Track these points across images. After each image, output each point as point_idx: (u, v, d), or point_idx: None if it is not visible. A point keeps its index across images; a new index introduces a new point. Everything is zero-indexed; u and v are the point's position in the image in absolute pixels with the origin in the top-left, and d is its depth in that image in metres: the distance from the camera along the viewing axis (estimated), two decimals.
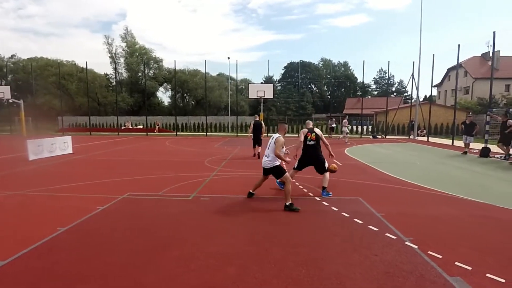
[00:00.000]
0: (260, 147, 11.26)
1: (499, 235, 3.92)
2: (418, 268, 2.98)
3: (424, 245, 3.50)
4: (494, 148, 11.90)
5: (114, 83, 42.52)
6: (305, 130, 5.93)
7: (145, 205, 5.21)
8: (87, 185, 6.65)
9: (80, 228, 4.10)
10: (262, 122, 11.80)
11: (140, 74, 44.50)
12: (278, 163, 5.16)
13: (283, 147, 5.28)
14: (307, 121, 6.33)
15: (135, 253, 3.37)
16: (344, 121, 19.88)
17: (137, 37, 47.72)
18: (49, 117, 31.25)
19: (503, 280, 2.77)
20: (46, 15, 75.35)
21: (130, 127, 29.72)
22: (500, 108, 22.26)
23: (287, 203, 4.88)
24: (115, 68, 42.53)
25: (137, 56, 44.07)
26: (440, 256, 3.23)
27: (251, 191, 5.60)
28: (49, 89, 37.30)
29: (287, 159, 5.33)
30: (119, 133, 25.72)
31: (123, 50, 44.86)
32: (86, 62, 26.50)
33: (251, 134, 11.44)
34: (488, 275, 2.85)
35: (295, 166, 6.04)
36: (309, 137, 5.83)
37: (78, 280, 2.81)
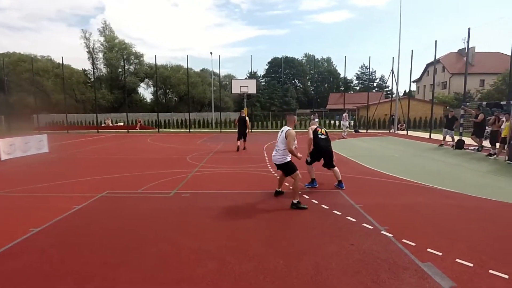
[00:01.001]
0: (244, 142, 12.19)
1: (469, 222, 4.11)
2: (392, 256, 3.08)
3: (399, 234, 3.62)
4: (468, 140, 12.42)
5: (93, 79, 41.14)
6: (313, 126, 6.05)
7: (124, 203, 5.10)
8: (63, 184, 6.43)
9: (55, 228, 3.97)
10: (247, 118, 12.35)
11: (120, 69, 43.10)
12: (289, 159, 4.86)
13: (295, 141, 4.85)
14: (314, 119, 6.62)
15: (112, 251, 3.30)
16: (344, 114, 19.58)
17: (116, 31, 46.20)
18: (24, 116, 29.79)
19: (471, 265, 2.90)
20: (19, 8, 71.56)
21: (111, 125, 28.92)
22: (474, 102, 23.24)
23: (295, 201, 4.67)
24: (93, 64, 41.11)
25: (116, 51, 42.63)
26: (413, 244, 3.35)
27: (277, 189, 5.39)
28: (23, 86, 35.45)
29: (299, 154, 4.95)
30: (99, 130, 24.98)
31: (102, 45, 43.29)
32: (62, 57, 25.27)
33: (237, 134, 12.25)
34: (457, 260, 2.99)
35: (309, 161, 6.00)
36: (319, 132, 5.96)
37: (51, 281, 2.73)
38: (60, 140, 16.82)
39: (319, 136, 5.93)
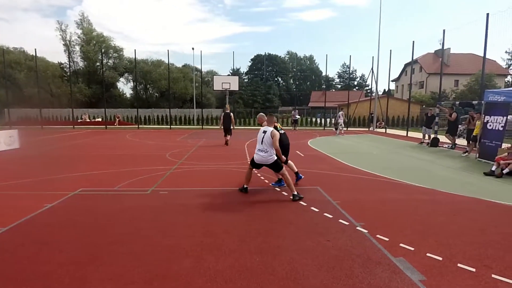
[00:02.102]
0: (229, 136, 12.38)
1: (440, 216, 4.26)
2: (367, 251, 3.13)
3: (373, 229, 3.69)
4: (443, 138, 12.92)
5: (69, 72, 39.42)
6: (271, 126, 5.79)
7: (98, 201, 4.92)
8: (34, 182, 6.13)
9: (23, 228, 3.79)
10: (231, 113, 12.42)
11: (98, 63, 41.61)
12: (276, 157, 5.03)
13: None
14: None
15: (82, 250, 3.18)
16: (340, 113, 19.60)
17: (96, 24, 44.55)
18: None
19: (440, 258, 3.00)
20: None
21: (88, 120, 27.87)
22: (449, 101, 24.22)
23: (295, 193, 4.91)
24: (69, 57, 39.34)
25: (94, 44, 41.05)
26: (387, 239, 3.42)
27: (245, 185, 5.33)
28: None
29: (283, 157, 5.21)
30: (75, 126, 24.04)
31: (79, 37, 41.46)
32: (35, 49, 24.16)
33: (222, 126, 12.31)
34: (428, 254, 3.08)
35: (285, 160, 5.55)
36: (278, 127, 5.81)
37: (17, 282, 2.61)
38: (33, 135, 16.01)
39: (280, 131, 5.63)
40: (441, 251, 3.14)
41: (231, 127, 12.22)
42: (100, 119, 27.85)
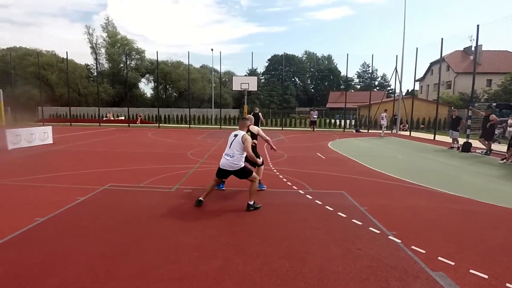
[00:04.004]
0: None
1: (477, 229, 3.98)
2: (402, 263, 2.96)
3: (406, 239, 3.50)
4: (475, 143, 12.21)
5: (95, 73, 41.04)
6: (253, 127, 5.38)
7: (126, 197, 5.04)
8: (67, 176, 6.45)
9: (59, 219, 3.98)
10: (260, 114, 13.68)
11: (121, 65, 43.08)
12: (244, 164, 4.59)
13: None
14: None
15: (113, 244, 3.26)
16: (383, 114, 19.11)
17: (118, 27, 45.97)
18: (29, 108, 30.05)
19: (485, 276, 2.76)
20: (22, 5, 71.67)
21: (112, 118, 28.83)
22: (481, 103, 22.88)
23: (251, 202, 4.45)
24: (96, 59, 41.04)
25: (118, 46, 42.57)
26: (423, 251, 3.22)
27: (201, 198, 4.65)
28: (29, 79, 35.87)
29: (260, 160, 4.94)
30: (101, 124, 24.90)
31: (104, 40, 43.27)
32: (67, 52, 25.23)
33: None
34: (471, 270, 2.84)
35: (261, 163, 5.16)
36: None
37: (52, 271, 2.74)
38: (63, 132, 16.74)
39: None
40: (485, 268, 2.89)
41: (259, 126, 12.67)
42: (123, 118, 28.77)
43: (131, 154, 9.90)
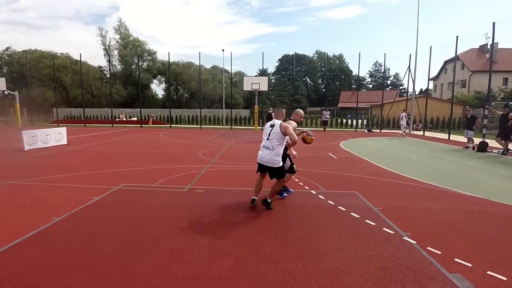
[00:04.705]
0: None
1: (495, 230, 3.87)
2: (417, 264, 2.92)
3: (422, 241, 3.44)
4: (492, 142, 11.89)
5: (108, 75, 41.93)
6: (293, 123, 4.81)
7: (139, 197, 5.12)
8: (82, 176, 6.59)
9: (74, 219, 4.07)
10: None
11: (134, 66, 43.90)
12: (282, 163, 4.33)
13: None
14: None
15: (127, 244, 3.31)
16: (403, 114, 18.70)
17: (130, 29, 46.90)
18: (44, 109, 31.05)
19: (504, 278, 2.69)
20: (38, 8, 73.92)
21: (124, 119, 29.35)
22: (497, 102, 22.21)
23: (269, 200, 4.42)
24: (109, 61, 41.95)
25: (130, 48, 43.41)
26: (439, 252, 3.16)
27: (254, 197, 4.51)
28: (44, 81, 37.01)
29: (294, 152, 4.78)
30: (113, 125, 25.39)
31: (117, 42, 44.20)
32: (80, 54, 26.05)
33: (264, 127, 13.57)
34: (489, 272, 2.78)
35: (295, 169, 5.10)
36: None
37: (68, 269, 2.79)
38: (77, 133, 17.18)
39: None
40: (504, 270, 2.83)
41: None
42: (135, 119, 29.23)
43: (143, 154, 10.06)
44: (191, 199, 4.98)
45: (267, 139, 4.29)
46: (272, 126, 4.31)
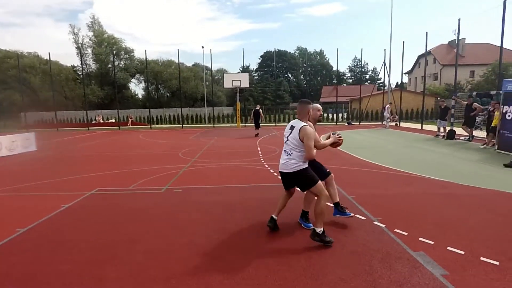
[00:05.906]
0: (259, 129, 15.41)
1: (458, 210, 4.14)
2: (385, 246, 3.07)
3: (391, 224, 3.62)
4: (459, 130, 12.55)
5: (82, 75, 40.32)
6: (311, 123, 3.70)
7: (114, 200, 5.00)
8: (52, 183, 6.28)
9: (42, 228, 3.87)
10: (261, 110, 15.60)
11: (110, 65, 42.35)
12: (306, 165, 3.38)
13: (312, 142, 3.31)
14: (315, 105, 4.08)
15: (99, 249, 3.23)
16: (387, 106, 19.63)
17: (106, 26, 45.28)
18: (11, 113, 29.13)
19: (462, 252, 2.92)
20: (4, 4, 69.34)
21: (101, 121, 28.44)
22: (465, 92, 23.42)
23: (318, 230, 3.16)
24: (81, 59, 40.23)
25: (105, 46, 41.76)
26: (405, 233, 3.35)
27: (273, 216, 3.63)
28: (9, 83, 34.68)
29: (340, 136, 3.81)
30: (89, 128, 24.57)
31: (90, 40, 42.34)
32: (49, 53, 24.57)
33: (253, 121, 15.47)
34: (449, 248, 3.00)
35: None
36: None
37: (36, 281, 2.65)
38: (49, 138, 16.49)
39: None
40: (462, 245, 3.04)
41: (259, 121, 15.12)
42: (113, 120, 28.38)
43: (120, 157, 9.84)
44: (169, 200, 4.93)
45: (286, 142, 3.50)
46: (292, 128, 3.42)
